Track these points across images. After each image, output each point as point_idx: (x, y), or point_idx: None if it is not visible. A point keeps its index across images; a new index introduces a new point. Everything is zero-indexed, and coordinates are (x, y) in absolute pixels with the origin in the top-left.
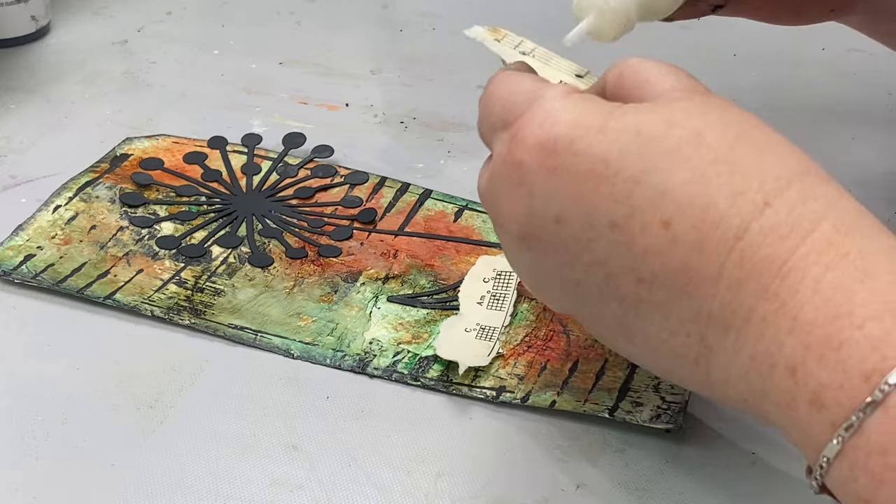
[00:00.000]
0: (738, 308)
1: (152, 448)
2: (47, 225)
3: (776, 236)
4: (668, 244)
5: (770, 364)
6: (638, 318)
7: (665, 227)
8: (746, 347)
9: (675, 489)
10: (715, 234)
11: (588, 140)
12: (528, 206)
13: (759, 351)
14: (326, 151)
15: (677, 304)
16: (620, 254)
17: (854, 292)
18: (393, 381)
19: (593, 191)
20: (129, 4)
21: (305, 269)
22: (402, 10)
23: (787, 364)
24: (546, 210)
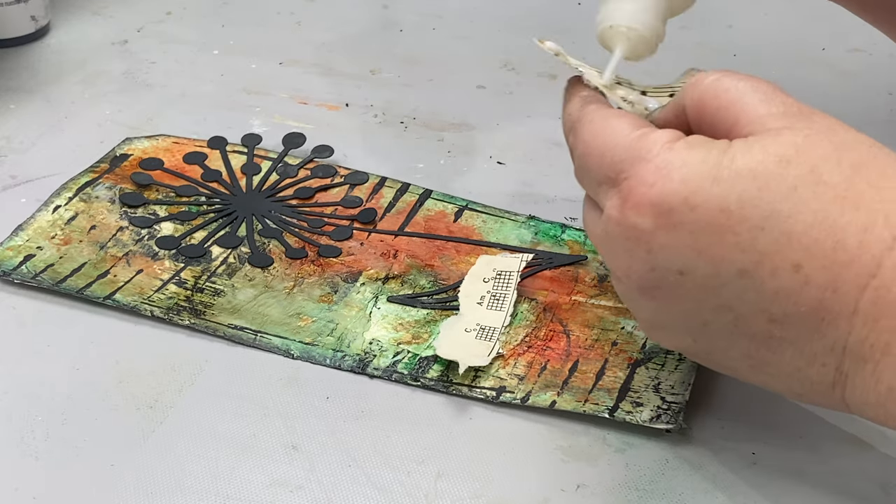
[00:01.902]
0: (876, 342)
1: (152, 448)
2: (47, 225)
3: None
4: (800, 286)
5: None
6: (770, 352)
7: (796, 269)
8: (885, 379)
9: (675, 489)
10: (847, 273)
11: (703, 194)
12: (648, 262)
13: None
14: (326, 151)
15: (811, 339)
16: (750, 297)
17: None
18: (393, 382)
19: (717, 242)
20: (129, 4)
21: (305, 270)
22: (402, 10)
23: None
24: (668, 265)
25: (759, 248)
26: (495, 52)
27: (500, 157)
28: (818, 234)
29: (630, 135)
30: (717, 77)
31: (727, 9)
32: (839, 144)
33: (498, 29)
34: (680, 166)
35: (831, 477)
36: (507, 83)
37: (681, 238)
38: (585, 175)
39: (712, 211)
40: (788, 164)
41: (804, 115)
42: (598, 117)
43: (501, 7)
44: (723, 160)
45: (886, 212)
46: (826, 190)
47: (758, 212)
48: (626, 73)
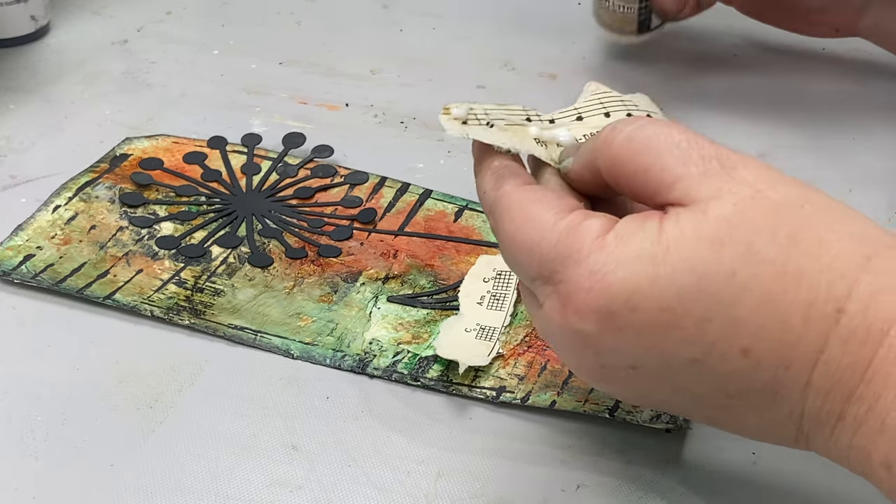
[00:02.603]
0: (831, 409)
1: (152, 448)
2: (47, 225)
3: (856, 343)
4: (751, 368)
5: (866, 457)
6: (731, 418)
7: (745, 354)
8: (843, 441)
9: (675, 489)
10: (796, 352)
11: (643, 294)
12: (597, 361)
13: (854, 444)
14: (326, 151)
15: (770, 408)
16: (704, 380)
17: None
18: (393, 381)
19: (664, 338)
20: (128, 4)
21: (305, 269)
22: (402, 10)
23: (882, 461)
24: (618, 362)
25: (707, 339)
26: (495, 52)
27: None
28: (763, 317)
29: (556, 227)
30: (626, 137)
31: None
32: (769, 210)
33: (498, 29)
34: (615, 268)
35: (831, 477)
36: (507, 83)
37: (627, 338)
38: (515, 267)
39: (654, 311)
40: (723, 247)
41: (725, 172)
42: (516, 203)
43: (501, 7)
44: (657, 253)
45: (827, 284)
46: (765, 269)
47: (700, 305)
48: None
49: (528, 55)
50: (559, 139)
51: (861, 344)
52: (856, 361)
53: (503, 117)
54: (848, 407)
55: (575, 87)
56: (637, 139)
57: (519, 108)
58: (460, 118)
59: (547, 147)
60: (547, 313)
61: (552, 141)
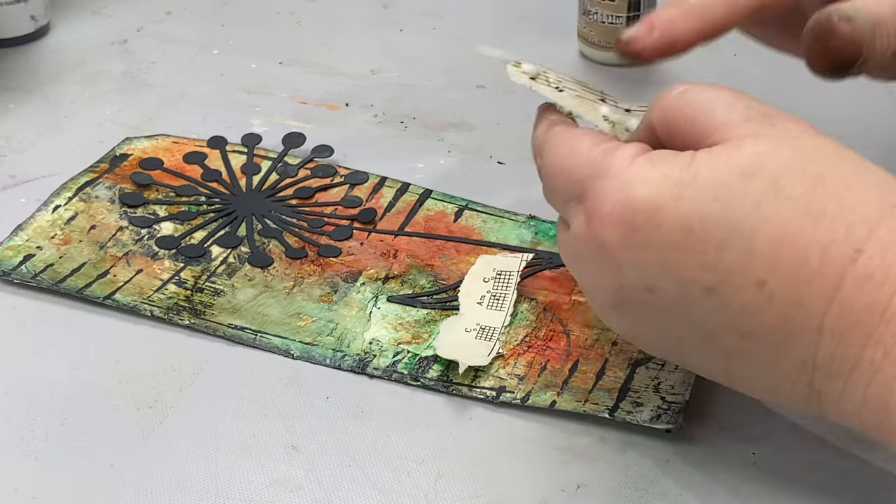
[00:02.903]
0: (844, 356)
1: (152, 448)
2: (47, 225)
3: (873, 283)
4: (765, 303)
5: (883, 406)
6: (743, 368)
7: (760, 287)
8: (857, 393)
9: (675, 489)
10: (811, 289)
11: (667, 212)
12: (617, 279)
13: (870, 395)
14: (326, 151)
15: (781, 355)
16: (718, 314)
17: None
18: (393, 381)
19: (682, 261)
20: (128, 4)
21: (305, 269)
22: (402, 10)
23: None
24: (637, 282)
25: (724, 266)
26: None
27: (500, 157)
28: (781, 250)
29: (592, 150)
30: (680, 91)
31: None
32: (802, 153)
33: (498, 29)
34: (642, 183)
35: (831, 477)
36: (507, 83)
37: (648, 256)
38: (552, 194)
39: (677, 230)
40: (751, 179)
41: (767, 120)
42: (562, 138)
43: (501, 7)
44: (685, 176)
45: (847, 224)
46: (788, 205)
47: (720, 230)
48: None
49: (528, 55)
50: (628, 125)
51: (879, 285)
52: (873, 302)
53: (576, 89)
54: (864, 351)
55: None
56: (688, 92)
57: (596, 90)
58: (529, 73)
59: (614, 127)
60: (574, 232)
61: (621, 124)
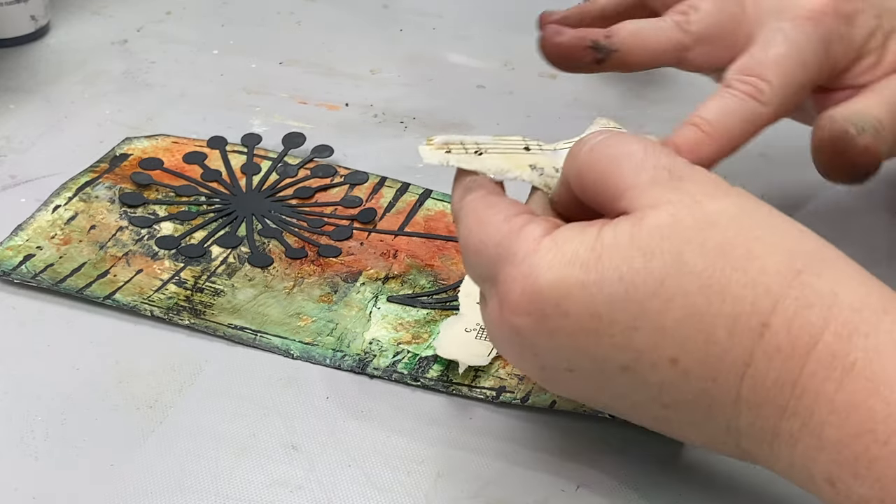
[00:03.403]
0: (765, 426)
1: (152, 448)
2: (47, 225)
3: (781, 358)
4: (681, 378)
5: (809, 475)
6: (674, 429)
7: (673, 363)
8: (783, 458)
9: (674, 489)
10: (723, 364)
11: (573, 299)
12: (537, 362)
13: (795, 462)
14: (326, 151)
15: (706, 421)
16: (638, 389)
17: (870, 408)
18: (393, 381)
19: (595, 343)
20: (128, 4)
21: (305, 269)
22: (402, 10)
23: (825, 477)
24: (556, 363)
25: (636, 346)
26: (495, 52)
27: None
28: (688, 329)
29: (500, 229)
30: (590, 148)
31: None
32: (703, 220)
33: (498, 29)
34: (546, 271)
35: None
36: (507, 83)
37: (561, 340)
38: (468, 269)
39: (585, 316)
40: (653, 257)
41: (673, 183)
42: (472, 211)
43: (501, 7)
44: (589, 260)
45: (752, 297)
46: (692, 280)
47: (628, 314)
48: None
49: (528, 55)
50: (557, 165)
51: (787, 359)
52: (783, 377)
53: (496, 144)
54: (781, 423)
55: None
56: (597, 149)
57: (518, 139)
58: (443, 146)
59: (543, 172)
60: (490, 314)
61: (549, 165)
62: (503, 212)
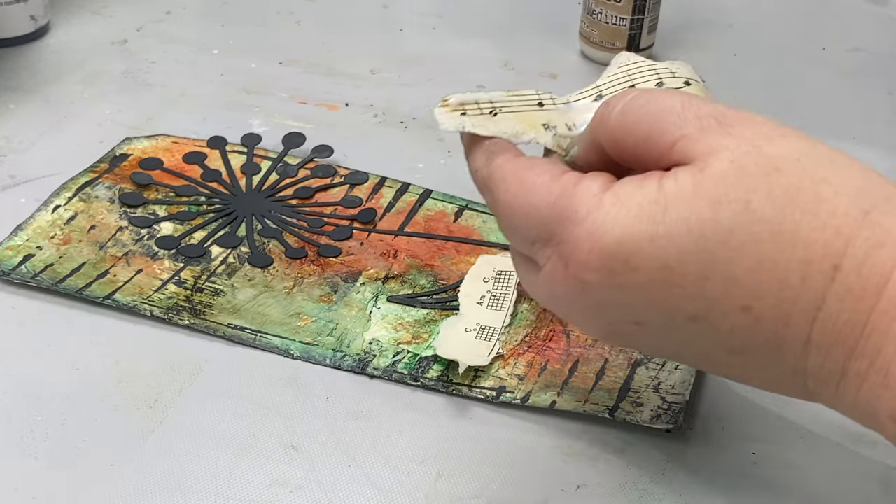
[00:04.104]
0: (832, 367)
1: (152, 448)
2: (46, 225)
3: (852, 299)
4: (752, 324)
5: (872, 412)
6: (738, 373)
7: (745, 311)
8: (847, 397)
9: (675, 489)
10: (795, 308)
11: (642, 253)
12: (603, 317)
13: (860, 400)
14: (326, 151)
15: (773, 365)
16: (707, 337)
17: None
18: (393, 381)
19: (665, 295)
20: (128, 4)
21: (305, 269)
22: (402, 10)
23: (890, 414)
24: (624, 318)
25: (707, 296)
26: (495, 52)
27: None
28: (761, 275)
29: (552, 189)
30: (621, 111)
31: (727, 8)
32: (768, 165)
33: (498, 29)
34: (612, 226)
35: (831, 477)
36: (507, 83)
37: (630, 295)
38: (512, 233)
39: (654, 269)
40: (720, 206)
41: (724, 129)
42: (510, 174)
43: (501, 7)
44: (656, 213)
45: (824, 240)
46: (762, 228)
47: (699, 264)
48: None
49: (528, 55)
50: (569, 123)
51: (857, 300)
52: (853, 317)
53: (511, 102)
54: (849, 363)
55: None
56: (631, 110)
57: (532, 93)
58: (459, 107)
59: (556, 133)
60: (550, 275)
61: (563, 123)
62: (547, 172)
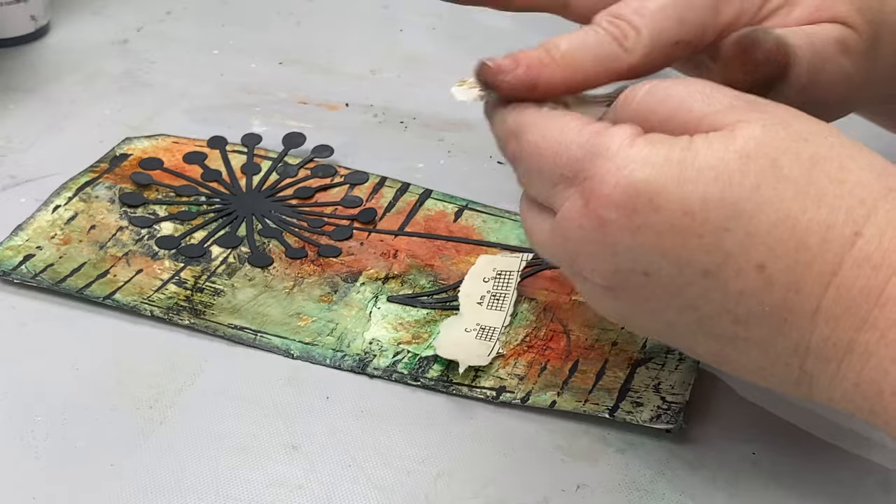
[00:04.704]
0: (838, 341)
1: (152, 448)
2: (47, 225)
3: (870, 267)
4: (763, 286)
5: (877, 390)
6: (735, 352)
7: (760, 270)
8: (850, 376)
9: (675, 489)
10: (810, 272)
11: (667, 195)
12: (612, 263)
13: (863, 379)
14: (326, 151)
15: (775, 339)
16: (714, 297)
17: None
18: (393, 381)
19: (681, 244)
20: (128, 4)
21: (305, 269)
22: (402, 10)
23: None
24: (633, 266)
25: (724, 249)
26: (495, 51)
27: (500, 157)
28: (781, 233)
29: (583, 131)
30: (648, 90)
31: None
32: (796, 135)
33: (498, 29)
34: (642, 165)
35: (831, 477)
36: None
37: (645, 239)
38: (537, 178)
39: (677, 214)
40: (749, 160)
41: (752, 106)
42: (542, 119)
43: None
44: (685, 158)
45: (847, 207)
46: (787, 186)
47: (722, 213)
48: None
49: None
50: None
51: (875, 269)
52: (869, 286)
53: None
54: (859, 335)
55: None
56: (657, 90)
57: None
58: (477, 86)
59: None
60: (566, 215)
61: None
62: (578, 118)
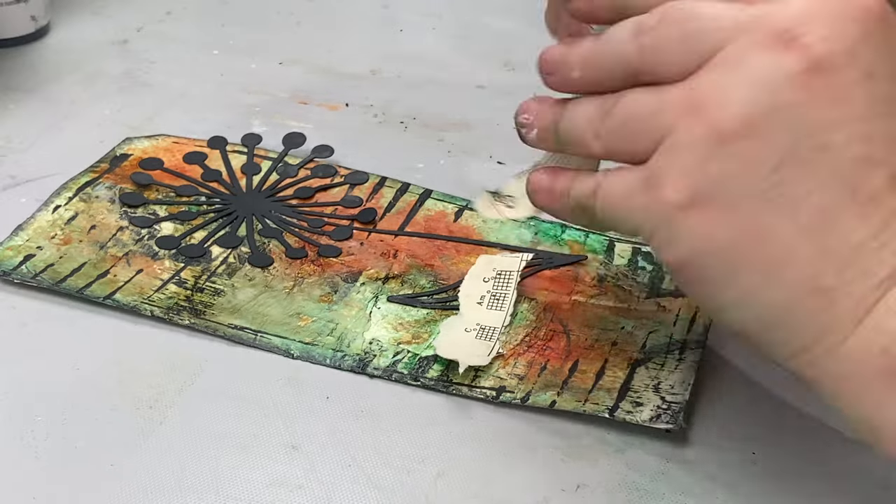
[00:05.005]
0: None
1: (152, 448)
2: (47, 225)
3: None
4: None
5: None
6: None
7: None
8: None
9: (675, 489)
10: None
11: (846, 55)
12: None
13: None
14: (326, 151)
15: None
16: (811, 176)
17: None
18: (393, 381)
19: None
20: (128, 4)
21: (305, 269)
22: (402, 10)
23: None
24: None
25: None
26: (495, 52)
27: (500, 157)
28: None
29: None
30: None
31: None
32: None
33: (498, 29)
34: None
35: (831, 477)
36: (507, 83)
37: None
38: (686, 43)
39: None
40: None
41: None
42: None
43: (502, 6)
44: None
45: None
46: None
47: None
48: None
49: (528, 55)
50: None
51: None
52: None
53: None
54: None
55: None
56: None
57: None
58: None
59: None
60: (763, 65)
61: None
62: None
